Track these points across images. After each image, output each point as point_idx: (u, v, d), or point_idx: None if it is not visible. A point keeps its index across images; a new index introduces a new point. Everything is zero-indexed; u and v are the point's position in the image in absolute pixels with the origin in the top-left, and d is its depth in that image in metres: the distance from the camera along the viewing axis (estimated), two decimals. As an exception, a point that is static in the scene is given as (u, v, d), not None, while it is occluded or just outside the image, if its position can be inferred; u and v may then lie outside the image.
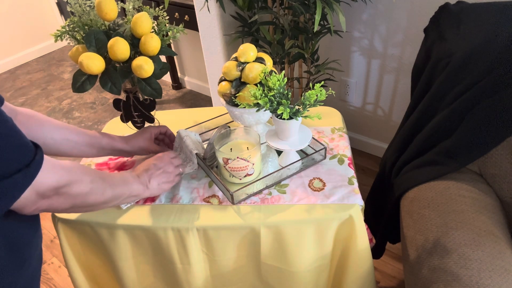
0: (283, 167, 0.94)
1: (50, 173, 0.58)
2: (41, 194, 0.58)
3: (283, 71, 0.92)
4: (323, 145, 0.99)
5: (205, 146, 1.05)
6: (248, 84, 0.95)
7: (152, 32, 0.97)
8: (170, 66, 2.73)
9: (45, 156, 0.56)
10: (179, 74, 2.83)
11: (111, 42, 0.89)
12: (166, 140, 1.06)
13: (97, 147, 0.91)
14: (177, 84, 2.83)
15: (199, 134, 1.13)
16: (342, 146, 1.04)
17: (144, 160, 0.93)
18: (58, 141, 0.83)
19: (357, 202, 0.87)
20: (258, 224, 0.86)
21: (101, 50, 0.92)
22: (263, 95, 0.86)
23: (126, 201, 0.83)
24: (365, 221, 0.92)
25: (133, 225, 0.89)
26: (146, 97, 1.07)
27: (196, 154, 0.98)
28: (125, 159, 1.08)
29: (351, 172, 0.96)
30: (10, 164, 0.50)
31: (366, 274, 0.94)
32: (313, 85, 0.88)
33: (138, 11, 1.02)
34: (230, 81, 0.97)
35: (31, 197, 0.56)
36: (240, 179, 0.93)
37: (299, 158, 0.97)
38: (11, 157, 0.50)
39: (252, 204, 0.90)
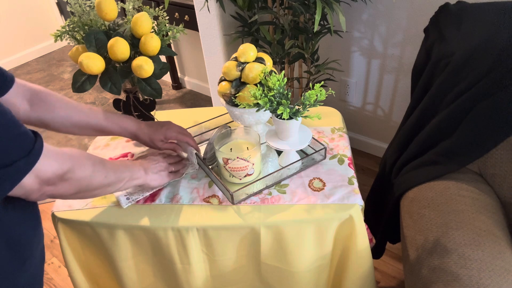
0: (283, 167, 0.94)
1: (51, 161, 0.59)
2: (46, 181, 0.59)
3: (283, 71, 0.92)
4: (323, 145, 0.99)
5: (204, 146, 1.05)
6: (248, 84, 0.95)
7: (152, 32, 0.97)
8: (170, 66, 2.73)
9: (45, 144, 0.58)
10: (179, 74, 2.83)
11: (111, 42, 0.89)
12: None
13: (107, 133, 0.92)
14: (177, 84, 2.83)
15: (199, 134, 1.13)
16: (342, 146, 1.04)
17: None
18: (85, 127, 0.87)
19: (357, 202, 0.87)
20: (258, 224, 0.86)
21: (101, 50, 0.92)
22: (263, 95, 0.86)
23: (129, 185, 0.83)
24: (365, 221, 0.92)
25: (133, 225, 0.89)
26: (146, 97, 1.07)
27: (196, 154, 0.98)
28: (125, 159, 1.08)
29: (351, 172, 0.96)
30: (11, 152, 0.52)
31: (366, 274, 0.94)
32: (313, 85, 0.88)
33: (138, 11, 1.02)
34: (230, 81, 0.97)
35: (34, 184, 0.58)
36: (240, 179, 0.93)
37: (299, 158, 0.97)
38: (11, 146, 0.52)
39: (252, 204, 0.90)
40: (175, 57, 2.73)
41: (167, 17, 1.02)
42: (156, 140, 0.94)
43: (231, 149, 0.96)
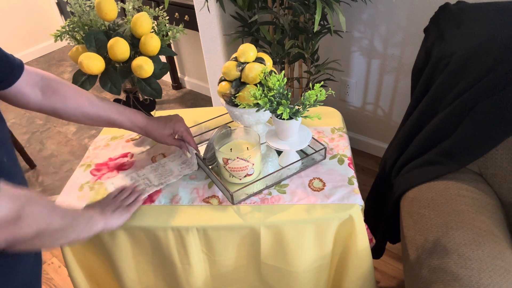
0: (283, 167, 0.94)
1: (3, 201, 0.54)
2: None
3: (283, 71, 0.92)
4: (323, 145, 0.99)
5: (204, 146, 1.05)
6: (248, 84, 0.95)
7: (152, 32, 0.97)
8: (170, 66, 2.73)
9: None
10: (179, 74, 2.83)
11: (111, 42, 0.90)
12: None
13: (117, 126, 0.92)
14: (177, 84, 2.83)
15: (199, 134, 1.13)
16: (342, 146, 1.04)
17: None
18: (96, 119, 0.88)
19: (357, 202, 0.87)
20: (258, 224, 0.86)
21: (101, 50, 0.92)
22: (263, 95, 0.86)
23: (90, 231, 0.74)
24: (365, 221, 0.92)
25: (133, 225, 0.89)
26: (146, 97, 1.07)
27: (196, 154, 0.99)
28: (125, 159, 1.08)
29: (351, 172, 0.96)
30: None
31: (366, 274, 0.94)
32: (313, 85, 0.88)
33: (138, 11, 1.02)
34: (230, 81, 0.97)
35: None
36: (240, 179, 0.93)
37: (299, 158, 0.97)
38: None
39: (252, 204, 0.90)
40: (175, 57, 2.74)
41: (167, 17, 1.02)
42: (165, 135, 0.95)
43: (231, 149, 0.96)
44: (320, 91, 0.86)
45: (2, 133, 0.66)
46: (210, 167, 0.99)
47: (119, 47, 0.89)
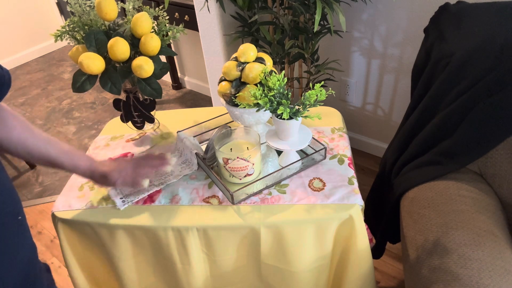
0: (283, 167, 0.94)
1: None
2: None
3: (283, 71, 0.92)
4: (323, 145, 0.99)
5: (204, 146, 1.05)
6: (248, 84, 0.95)
7: (152, 32, 0.97)
8: (170, 66, 2.73)
9: None
10: (179, 74, 2.83)
11: (111, 42, 0.90)
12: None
13: (57, 166, 0.81)
14: (177, 84, 2.83)
15: (199, 134, 1.13)
16: (342, 146, 1.05)
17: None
18: (36, 156, 0.77)
19: (357, 202, 0.87)
20: (258, 224, 0.86)
21: (101, 50, 0.92)
22: (263, 95, 0.86)
23: None
24: (365, 221, 0.92)
25: (133, 225, 0.89)
26: (146, 97, 1.07)
27: (196, 154, 0.99)
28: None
29: (351, 172, 0.96)
30: None
31: (366, 274, 0.94)
32: (313, 85, 0.88)
33: (138, 11, 1.02)
34: (230, 81, 0.97)
35: None
36: (240, 179, 0.93)
37: (299, 158, 0.97)
38: None
39: (252, 204, 0.90)
40: (175, 57, 2.74)
41: (167, 17, 1.02)
42: (112, 175, 0.82)
43: (231, 149, 0.96)
44: (320, 91, 0.86)
45: None
46: (210, 167, 0.99)
47: (119, 47, 0.89)
